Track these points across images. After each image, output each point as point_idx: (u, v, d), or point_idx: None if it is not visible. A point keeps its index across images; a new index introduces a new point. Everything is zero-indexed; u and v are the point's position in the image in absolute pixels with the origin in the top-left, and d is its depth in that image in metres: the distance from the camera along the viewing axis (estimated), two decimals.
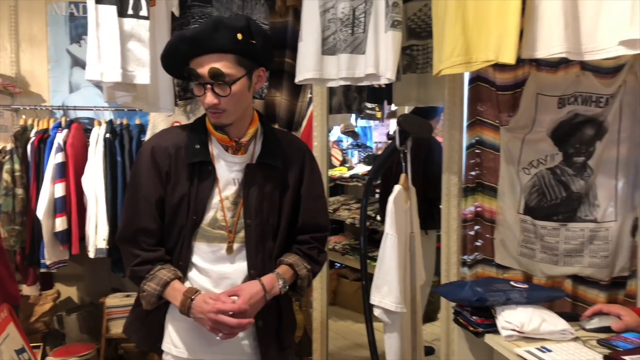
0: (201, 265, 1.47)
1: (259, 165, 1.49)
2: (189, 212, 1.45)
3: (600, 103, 2.10)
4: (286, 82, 2.48)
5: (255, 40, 1.39)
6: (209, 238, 1.47)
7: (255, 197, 1.47)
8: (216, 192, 1.46)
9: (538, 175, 2.23)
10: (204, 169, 1.46)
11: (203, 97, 1.39)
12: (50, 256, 2.88)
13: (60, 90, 3.43)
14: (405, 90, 2.92)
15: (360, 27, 1.78)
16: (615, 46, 1.45)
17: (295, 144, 1.61)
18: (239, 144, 1.48)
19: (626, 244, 2.10)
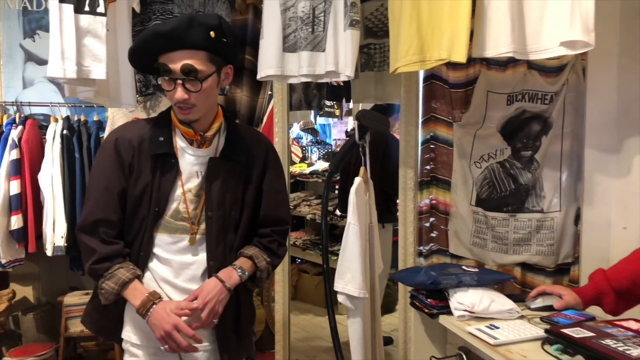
0: (162, 256, 1.50)
1: (222, 159, 1.52)
2: (151, 204, 1.47)
3: (545, 100, 2.24)
4: (247, 78, 2.51)
5: (226, 39, 1.43)
6: (170, 229, 1.50)
7: (218, 190, 1.50)
8: (179, 184, 1.49)
9: (489, 168, 2.35)
10: (167, 162, 1.48)
11: (173, 92, 1.42)
12: (6, 255, 2.82)
13: (13, 85, 3.34)
14: (363, 87, 3.00)
15: (320, 26, 1.84)
16: (557, 47, 1.56)
17: (258, 139, 1.65)
18: (203, 138, 1.51)
19: (570, 233, 2.24)
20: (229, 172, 1.53)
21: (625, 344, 1.12)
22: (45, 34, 3.35)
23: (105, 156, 1.50)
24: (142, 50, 1.44)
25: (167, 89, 1.44)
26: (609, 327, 1.24)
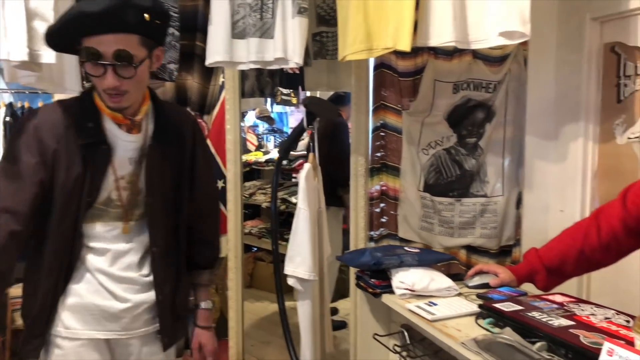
0: (96, 246, 1.44)
1: (154, 143, 1.47)
2: (83, 194, 1.39)
3: (489, 89, 2.32)
4: (197, 65, 2.49)
5: (159, 20, 1.36)
6: (104, 218, 1.44)
7: (154, 175, 1.47)
8: (111, 172, 1.42)
9: (436, 155, 2.42)
10: (98, 149, 1.40)
11: (101, 79, 1.32)
12: None
13: None
14: (316, 75, 3.02)
15: (268, 13, 1.85)
16: (496, 37, 1.62)
17: (186, 116, 1.61)
18: (133, 122, 1.44)
19: (512, 216, 2.34)
20: (164, 155, 1.49)
21: (549, 315, 1.20)
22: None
23: (23, 142, 1.37)
24: (65, 31, 1.32)
25: (94, 74, 1.33)
26: (537, 301, 1.33)
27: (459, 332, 1.21)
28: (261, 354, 3.44)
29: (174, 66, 1.97)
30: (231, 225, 2.68)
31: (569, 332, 1.10)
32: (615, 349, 0.89)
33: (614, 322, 1.16)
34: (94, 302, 1.42)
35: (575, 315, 1.21)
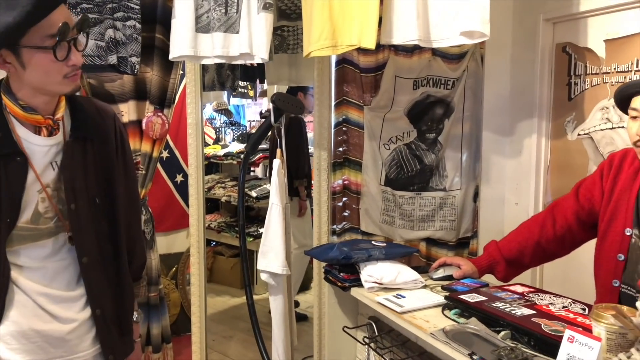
0: (30, 266, 1.28)
1: (75, 142, 1.31)
2: (1, 215, 1.22)
3: (448, 85, 2.39)
4: (157, 57, 2.44)
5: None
6: (32, 237, 1.27)
7: (75, 176, 1.31)
8: (32, 182, 1.25)
9: (397, 150, 2.48)
10: (12, 161, 1.22)
11: (68, 60, 1.19)
12: None
13: None
14: (277, 69, 3.02)
15: (233, 7, 1.84)
16: (457, 36, 1.67)
17: (104, 110, 1.44)
18: (55, 122, 1.28)
19: (469, 209, 2.43)
20: (84, 154, 1.32)
21: (512, 305, 1.26)
22: None
23: None
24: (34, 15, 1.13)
25: (61, 57, 1.18)
26: (499, 291, 1.39)
27: (427, 323, 1.26)
28: (223, 348, 3.43)
29: (136, 59, 1.93)
30: (193, 219, 2.65)
31: (531, 321, 1.16)
32: (575, 336, 0.95)
33: (572, 311, 1.23)
34: (33, 328, 1.26)
35: (536, 304, 1.28)
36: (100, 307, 1.34)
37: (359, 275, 1.51)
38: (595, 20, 1.91)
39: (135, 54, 1.92)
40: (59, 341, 1.29)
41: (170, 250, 3.50)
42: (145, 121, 2.46)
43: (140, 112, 2.50)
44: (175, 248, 3.58)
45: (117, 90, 2.47)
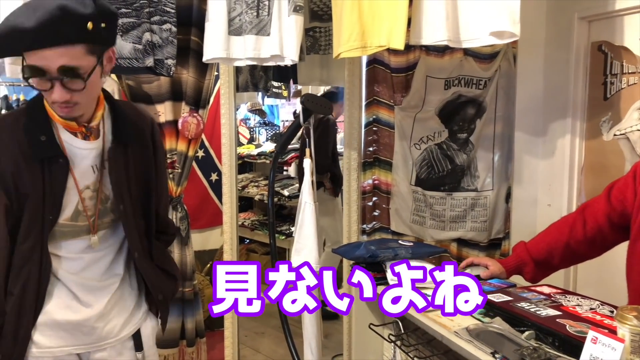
0: (66, 256, 1.37)
1: (115, 146, 1.38)
2: (45, 213, 1.30)
3: (480, 85, 2.38)
4: (192, 60, 2.51)
5: (105, 23, 1.21)
6: (70, 234, 1.36)
7: (121, 179, 1.39)
8: (72, 184, 1.33)
9: (427, 150, 2.48)
10: (55, 163, 1.29)
11: (50, 93, 1.20)
12: None
13: None
14: (309, 70, 3.06)
15: (264, 10, 1.88)
16: (487, 36, 1.67)
17: (141, 115, 1.51)
18: (89, 129, 1.33)
19: (501, 210, 2.41)
20: (127, 157, 1.40)
21: (537, 306, 1.26)
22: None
23: None
24: (2, 46, 1.18)
25: (41, 88, 1.22)
26: (525, 292, 1.38)
27: (452, 322, 1.26)
28: (255, 344, 3.49)
29: (172, 61, 1.99)
30: (226, 217, 2.71)
31: (556, 322, 1.16)
32: (599, 337, 0.94)
33: (599, 313, 1.22)
34: (65, 318, 1.36)
35: (562, 305, 1.27)
36: (162, 293, 1.49)
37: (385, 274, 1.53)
38: (632, 18, 1.87)
39: (171, 56, 1.99)
40: (89, 329, 1.38)
41: (204, 247, 3.58)
42: (181, 121, 2.53)
43: (177, 113, 2.58)
44: (209, 245, 3.66)
45: (154, 92, 2.55)
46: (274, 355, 3.35)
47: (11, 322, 1.31)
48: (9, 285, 1.31)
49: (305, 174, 1.73)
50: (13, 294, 1.31)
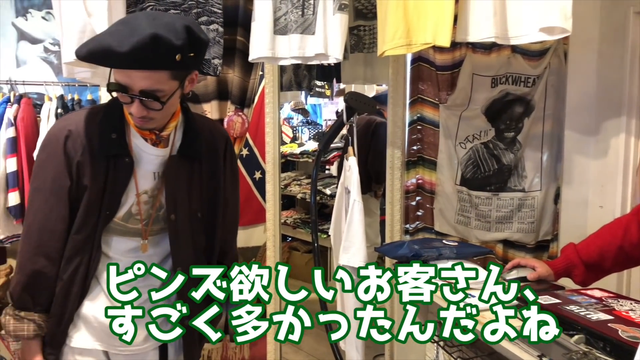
0: (113, 256, 1.42)
1: (181, 158, 1.41)
2: (102, 207, 1.36)
3: (528, 83, 2.31)
4: (238, 59, 2.55)
5: (194, 53, 1.27)
6: (121, 232, 1.41)
7: (177, 189, 1.41)
8: (132, 185, 1.37)
9: (473, 149, 2.43)
10: (121, 161, 1.35)
11: (129, 106, 1.28)
12: (4, 230, 2.88)
13: (6, 64, 3.37)
14: (352, 69, 3.05)
15: (309, 9, 1.89)
16: (536, 32, 1.62)
17: (216, 131, 1.54)
18: (159, 137, 1.38)
19: (550, 211, 2.34)
20: (190, 170, 1.43)
21: (587, 310, 1.22)
22: (37, 13, 3.37)
23: (50, 153, 1.35)
24: (90, 60, 1.25)
25: (122, 101, 1.30)
26: (574, 295, 1.34)
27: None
28: None
29: (218, 61, 2.03)
30: (269, 215, 2.74)
31: (608, 326, 1.12)
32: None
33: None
34: (95, 316, 1.39)
35: (614, 310, 1.23)
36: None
37: None
38: None
39: (218, 56, 2.02)
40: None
41: (248, 244, 3.63)
42: (226, 120, 2.58)
43: (222, 112, 2.63)
44: (252, 242, 3.71)
45: (201, 91, 2.61)
46: (315, 352, 3.37)
47: (58, 305, 1.38)
48: (60, 270, 1.38)
49: (353, 172, 1.73)
50: (62, 280, 1.38)
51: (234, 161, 1.57)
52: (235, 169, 1.60)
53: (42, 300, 1.37)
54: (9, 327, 1.36)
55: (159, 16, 1.27)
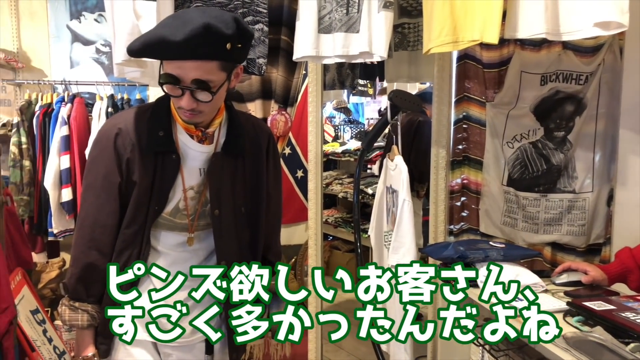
0: (161, 250, 1.47)
1: (225, 154, 1.45)
2: (151, 202, 1.41)
3: (580, 80, 2.23)
4: (282, 58, 2.57)
5: (241, 44, 1.31)
6: (169, 227, 1.46)
7: (224, 186, 1.45)
8: (179, 181, 1.42)
9: (521, 149, 2.37)
10: (168, 158, 1.40)
11: (179, 99, 1.32)
12: (57, 225, 3.01)
13: (61, 65, 3.50)
14: (396, 67, 3.02)
15: (354, 8, 1.88)
16: (591, 27, 1.56)
17: (259, 128, 1.58)
18: (205, 134, 1.43)
19: (602, 213, 2.25)
20: (234, 167, 1.47)
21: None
22: (90, 15, 3.49)
23: (101, 150, 1.41)
24: (145, 53, 1.31)
25: (172, 94, 1.34)
26: (630, 301, 1.28)
27: None
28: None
29: (263, 61, 2.05)
30: (312, 214, 2.75)
31: None
32: None
33: None
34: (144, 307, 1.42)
35: None
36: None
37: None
38: None
39: (263, 55, 2.05)
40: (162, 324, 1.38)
41: (289, 242, 3.66)
42: (270, 119, 2.61)
43: (266, 111, 2.66)
44: (294, 240, 3.74)
45: (245, 90, 2.65)
46: (356, 352, 3.36)
47: (109, 296, 1.40)
48: (111, 263, 1.40)
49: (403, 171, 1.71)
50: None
51: (276, 157, 1.60)
52: (278, 165, 1.63)
53: (95, 292, 1.42)
54: (64, 316, 1.43)
55: (208, 9, 1.33)
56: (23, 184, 3.00)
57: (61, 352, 2.39)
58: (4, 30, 3.40)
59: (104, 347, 1.46)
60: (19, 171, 3.00)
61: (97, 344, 1.46)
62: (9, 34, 3.40)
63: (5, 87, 3.41)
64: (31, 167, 3.04)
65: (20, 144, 3.01)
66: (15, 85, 3.40)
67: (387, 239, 2.13)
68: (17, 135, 3.01)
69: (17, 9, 3.41)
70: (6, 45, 3.38)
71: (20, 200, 2.97)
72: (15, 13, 3.40)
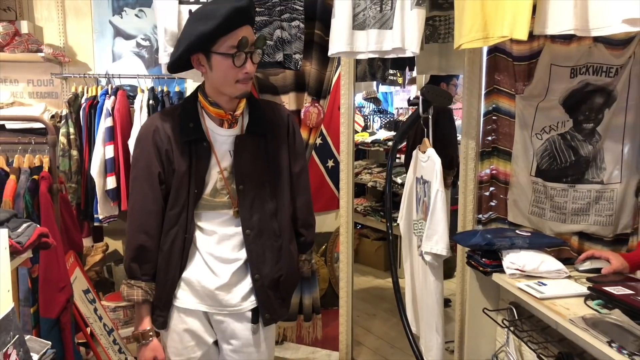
0: (207, 228, 1.62)
1: (248, 135, 1.61)
2: (190, 187, 1.58)
3: (610, 73, 2.26)
4: (315, 52, 2.66)
5: (255, 11, 1.56)
6: (211, 207, 1.61)
7: (247, 164, 1.60)
8: (214, 165, 1.59)
9: (550, 140, 2.41)
10: (200, 146, 1.57)
11: (243, 67, 1.48)
12: (103, 211, 3.18)
13: (104, 59, 3.67)
14: (427, 59, 3.08)
15: (388, 5, 1.96)
16: (619, 24, 1.60)
17: (278, 111, 1.73)
18: (234, 117, 1.60)
19: (630, 204, 2.28)
20: (256, 146, 1.62)
21: None
22: (131, 11, 3.64)
23: (142, 147, 1.60)
24: (222, 27, 1.43)
25: (238, 64, 1.48)
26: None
27: (567, 310, 1.28)
28: (367, 324, 3.63)
29: (299, 56, 2.14)
30: (343, 202, 2.85)
31: None
32: None
33: None
34: (198, 280, 1.61)
35: None
36: (258, 273, 1.62)
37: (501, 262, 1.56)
38: None
39: (299, 51, 2.14)
40: (214, 294, 1.61)
41: (320, 230, 3.77)
42: (303, 111, 2.70)
43: (300, 103, 2.75)
44: (325, 228, 3.85)
45: (279, 83, 2.75)
46: (385, 336, 3.47)
47: (161, 273, 1.61)
48: (160, 243, 1.61)
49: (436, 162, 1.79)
50: (163, 250, 1.60)
51: (297, 134, 1.74)
52: (300, 140, 1.76)
53: (147, 270, 1.61)
54: (123, 292, 1.62)
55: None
56: (71, 172, 3.18)
57: (110, 329, 2.56)
58: (51, 26, 3.58)
59: (161, 319, 1.64)
60: (68, 160, 3.18)
61: (154, 316, 1.64)
62: (56, 30, 3.58)
63: (53, 81, 3.59)
64: (78, 156, 3.22)
65: (68, 135, 3.19)
66: (62, 79, 3.58)
67: (416, 227, 2.22)
68: (65, 126, 3.19)
69: (64, 6, 3.58)
70: (53, 41, 3.56)
71: (69, 187, 3.16)
72: (61, 10, 3.57)
